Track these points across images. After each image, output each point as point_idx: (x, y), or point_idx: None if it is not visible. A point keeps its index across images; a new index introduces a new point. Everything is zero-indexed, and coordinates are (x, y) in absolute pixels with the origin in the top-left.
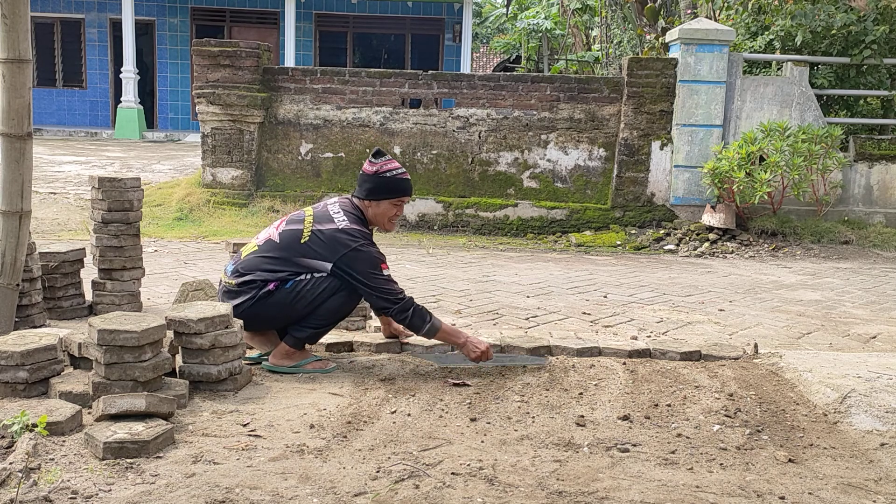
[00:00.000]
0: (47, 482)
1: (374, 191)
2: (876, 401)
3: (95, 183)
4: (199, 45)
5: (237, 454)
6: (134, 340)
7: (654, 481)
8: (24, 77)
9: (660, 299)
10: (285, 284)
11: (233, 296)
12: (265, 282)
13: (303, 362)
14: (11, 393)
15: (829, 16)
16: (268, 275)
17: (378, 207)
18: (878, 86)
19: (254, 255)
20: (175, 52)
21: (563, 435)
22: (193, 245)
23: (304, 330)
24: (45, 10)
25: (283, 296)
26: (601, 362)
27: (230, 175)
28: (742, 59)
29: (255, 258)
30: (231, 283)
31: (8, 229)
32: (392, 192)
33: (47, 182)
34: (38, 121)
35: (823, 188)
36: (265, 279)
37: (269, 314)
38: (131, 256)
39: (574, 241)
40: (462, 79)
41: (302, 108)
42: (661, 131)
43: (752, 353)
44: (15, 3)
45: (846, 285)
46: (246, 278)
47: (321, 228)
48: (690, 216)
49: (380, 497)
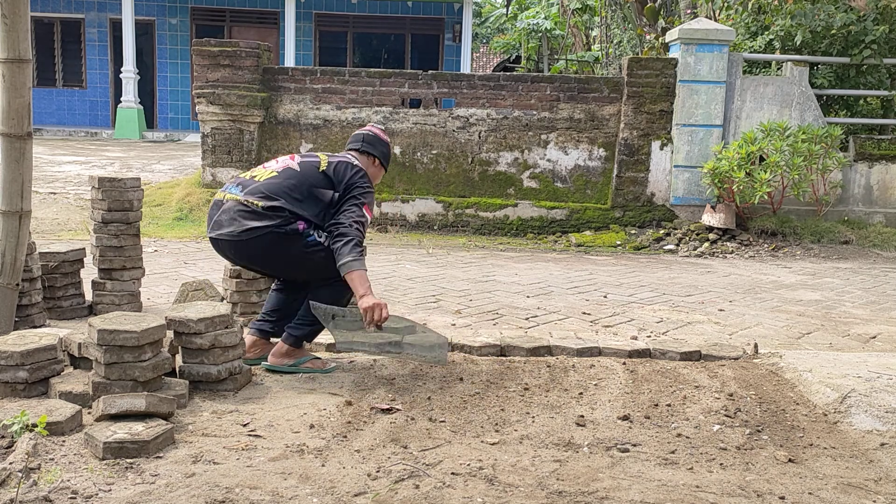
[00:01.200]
0: (47, 482)
1: (385, 156)
2: (876, 401)
3: (95, 183)
4: (199, 45)
5: (237, 454)
6: (134, 340)
7: (654, 481)
8: (24, 77)
9: (660, 299)
10: (307, 236)
11: (256, 217)
12: (295, 217)
13: (301, 360)
14: (11, 393)
15: (828, 16)
16: (297, 209)
17: (378, 171)
18: (878, 86)
19: (274, 180)
20: (175, 52)
21: (563, 435)
22: (193, 245)
23: (301, 328)
24: (45, 10)
25: (302, 245)
26: (601, 362)
27: (230, 175)
28: (742, 59)
29: (278, 183)
30: (256, 203)
31: (8, 229)
32: (388, 163)
33: (47, 182)
34: (38, 121)
35: (823, 188)
36: (295, 213)
37: (282, 252)
38: (131, 256)
39: (574, 241)
40: (462, 79)
41: (302, 108)
42: (661, 131)
43: (752, 353)
44: (15, 3)
45: (846, 285)
46: (275, 203)
47: (336, 161)
48: (690, 216)
49: (380, 497)
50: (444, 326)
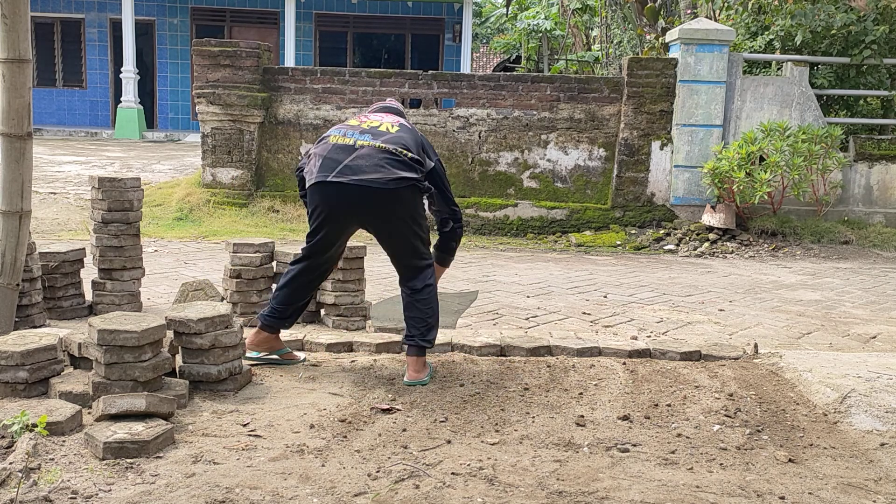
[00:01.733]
0: (47, 482)
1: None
2: (876, 401)
3: (95, 183)
4: (199, 45)
5: (237, 454)
6: (134, 340)
7: (654, 481)
8: (24, 77)
9: (660, 299)
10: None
11: (406, 167)
12: (422, 174)
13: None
14: (11, 393)
15: (829, 16)
16: (419, 165)
17: None
18: (878, 86)
19: (402, 134)
20: (175, 52)
21: (563, 435)
22: (193, 245)
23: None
24: (45, 10)
25: (422, 208)
26: (601, 362)
27: (230, 175)
28: (742, 59)
29: (408, 138)
30: (405, 153)
31: (8, 229)
32: None
33: (47, 182)
34: (38, 121)
35: (823, 188)
36: (422, 171)
37: (412, 210)
38: (131, 256)
39: (574, 241)
40: (462, 79)
41: (302, 108)
42: (661, 131)
43: (752, 353)
44: (15, 3)
45: (846, 285)
46: (417, 157)
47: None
48: (690, 216)
49: (380, 497)
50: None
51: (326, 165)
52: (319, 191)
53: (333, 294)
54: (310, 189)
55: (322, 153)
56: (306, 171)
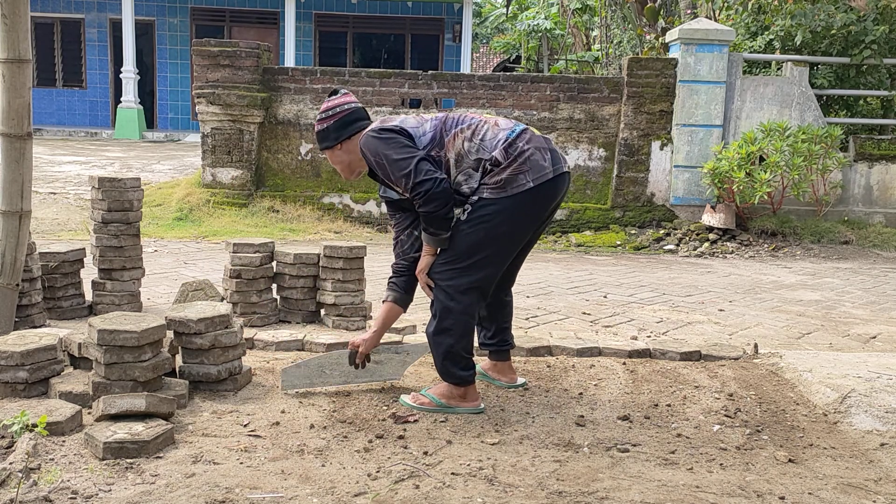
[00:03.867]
0: (47, 482)
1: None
2: (876, 401)
3: (95, 183)
4: (199, 45)
5: (237, 454)
6: (134, 340)
7: (654, 481)
8: (24, 77)
9: (660, 299)
10: None
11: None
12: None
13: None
14: (11, 393)
15: (828, 16)
16: None
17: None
18: (878, 86)
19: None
20: (175, 52)
21: (563, 435)
22: (193, 245)
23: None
24: (45, 10)
25: None
26: (601, 362)
27: (230, 175)
28: (742, 59)
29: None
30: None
31: (8, 229)
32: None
33: (47, 182)
34: (38, 121)
35: (823, 188)
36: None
37: None
38: (131, 256)
39: (574, 241)
40: (462, 79)
41: (302, 108)
42: (661, 131)
43: (752, 353)
44: (15, 3)
45: (846, 285)
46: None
47: None
48: (690, 216)
49: (380, 497)
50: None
51: (542, 156)
52: (554, 185)
53: (333, 294)
54: (545, 185)
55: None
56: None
